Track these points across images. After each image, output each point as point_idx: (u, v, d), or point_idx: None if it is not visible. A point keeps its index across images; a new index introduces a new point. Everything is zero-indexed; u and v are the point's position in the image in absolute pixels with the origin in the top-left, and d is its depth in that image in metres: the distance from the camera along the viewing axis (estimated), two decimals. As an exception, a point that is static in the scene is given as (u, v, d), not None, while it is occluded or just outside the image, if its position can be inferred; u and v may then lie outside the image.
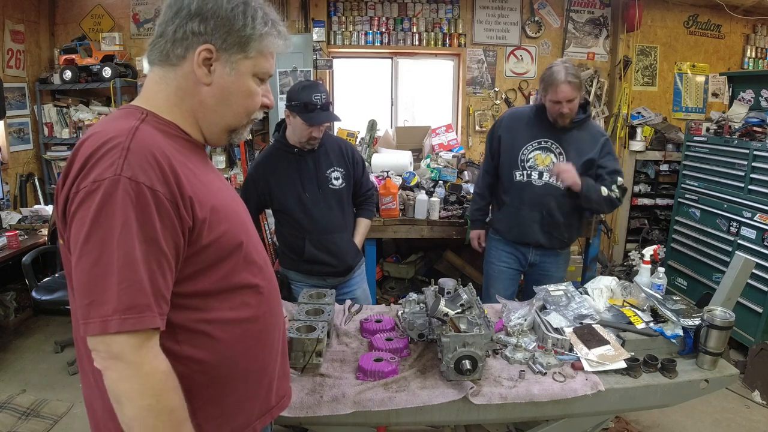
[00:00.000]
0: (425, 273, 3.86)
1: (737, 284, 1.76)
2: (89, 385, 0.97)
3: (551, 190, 2.35)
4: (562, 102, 2.20)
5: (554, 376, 1.53)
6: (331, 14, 4.38)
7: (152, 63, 0.94)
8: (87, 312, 0.79)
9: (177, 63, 0.91)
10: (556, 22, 4.54)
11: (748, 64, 4.79)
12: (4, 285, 3.63)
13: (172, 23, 0.90)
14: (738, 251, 3.02)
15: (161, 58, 0.92)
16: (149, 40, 0.94)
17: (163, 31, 0.90)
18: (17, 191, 4.10)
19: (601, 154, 2.33)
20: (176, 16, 0.89)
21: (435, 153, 3.93)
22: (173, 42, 0.90)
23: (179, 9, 0.89)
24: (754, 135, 3.33)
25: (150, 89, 0.95)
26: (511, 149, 2.41)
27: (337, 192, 2.21)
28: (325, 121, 2.09)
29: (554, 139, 2.34)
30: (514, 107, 2.85)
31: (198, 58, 0.90)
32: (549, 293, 1.91)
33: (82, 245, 0.79)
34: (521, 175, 2.39)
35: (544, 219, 2.38)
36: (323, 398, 1.42)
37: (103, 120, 0.92)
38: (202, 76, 0.91)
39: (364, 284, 2.43)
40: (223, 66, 0.92)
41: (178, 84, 0.93)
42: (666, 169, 4.56)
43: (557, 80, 2.17)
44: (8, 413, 2.55)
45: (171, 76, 0.92)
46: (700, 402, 2.49)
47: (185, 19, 0.89)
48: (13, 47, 4.00)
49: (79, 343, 0.96)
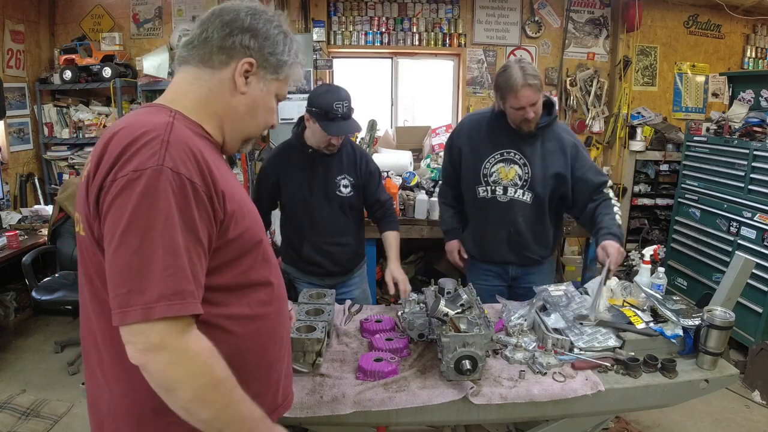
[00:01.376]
0: (425, 273, 3.86)
1: (737, 284, 1.76)
2: (96, 383, 0.97)
3: (517, 206, 2.15)
4: (526, 107, 1.96)
5: (554, 376, 1.53)
6: (331, 14, 4.38)
7: (186, 62, 0.98)
8: (125, 300, 0.79)
9: (218, 67, 0.97)
10: (556, 22, 4.54)
11: (748, 64, 4.79)
12: (4, 285, 3.63)
13: (221, 31, 0.96)
14: (738, 251, 3.02)
15: (201, 60, 0.96)
16: (183, 41, 0.98)
17: (209, 36, 0.96)
18: (17, 191, 4.10)
19: (574, 165, 2.11)
20: (228, 26, 0.96)
21: (435, 153, 3.93)
22: (220, 48, 0.96)
23: (232, 21, 0.96)
24: (754, 135, 3.33)
25: (180, 88, 0.98)
26: (472, 163, 2.18)
27: (344, 199, 2.17)
28: (345, 132, 2.05)
29: (517, 149, 2.10)
30: (473, 111, 2.55)
31: (240, 68, 0.97)
32: (549, 293, 1.90)
33: (122, 233, 0.79)
34: (485, 191, 2.17)
35: (512, 237, 2.19)
36: (323, 398, 1.42)
37: (130, 115, 0.93)
38: (240, 85, 0.98)
39: (363, 285, 2.42)
40: (258, 81, 1.00)
41: (212, 87, 0.97)
42: (666, 169, 4.56)
43: (516, 84, 1.92)
44: (8, 413, 2.55)
45: (207, 78, 0.97)
46: (700, 402, 2.49)
47: (238, 30, 0.96)
48: (13, 47, 4.00)
49: (88, 339, 0.96)
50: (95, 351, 0.94)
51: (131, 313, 0.79)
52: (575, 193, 2.15)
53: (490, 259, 2.30)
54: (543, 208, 2.18)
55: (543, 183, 2.12)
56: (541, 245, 2.24)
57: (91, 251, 0.88)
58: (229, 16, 0.97)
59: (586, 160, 2.15)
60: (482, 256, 2.31)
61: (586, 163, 2.14)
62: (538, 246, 2.24)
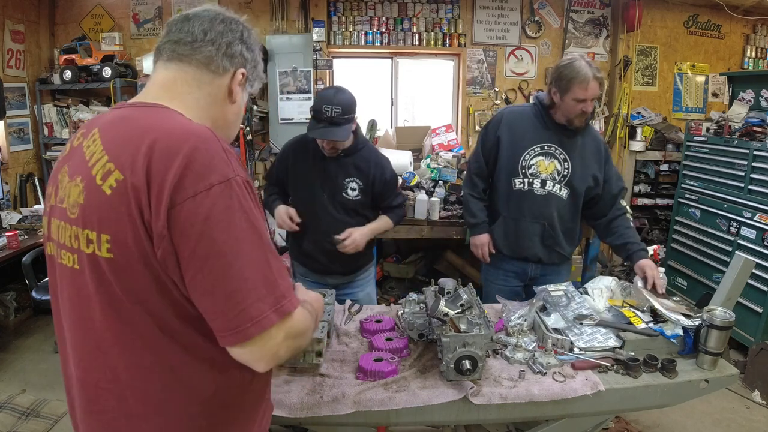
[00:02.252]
0: (425, 273, 3.86)
1: (737, 284, 1.76)
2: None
3: (554, 200, 2.17)
4: (588, 100, 2.00)
5: (554, 376, 1.53)
6: (331, 14, 4.38)
7: (183, 61, 0.94)
8: (257, 309, 0.79)
9: (219, 73, 0.96)
10: (556, 22, 4.54)
11: (748, 64, 4.79)
12: (4, 285, 3.63)
13: (225, 37, 0.95)
14: (738, 251, 3.02)
15: (203, 62, 0.94)
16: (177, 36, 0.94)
17: (213, 38, 0.94)
18: (17, 191, 4.10)
19: (606, 167, 2.19)
20: (232, 34, 0.96)
21: (435, 153, 3.93)
22: (224, 54, 0.95)
23: (234, 30, 0.97)
24: (754, 135, 3.33)
25: (178, 88, 0.93)
26: (510, 153, 2.18)
27: (349, 202, 2.16)
28: (323, 137, 2.00)
29: (558, 144, 2.14)
30: (510, 105, 2.55)
31: (237, 77, 0.98)
32: (549, 293, 1.90)
33: (230, 247, 0.78)
34: (521, 184, 2.17)
35: (546, 232, 2.20)
36: (323, 398, 1.42)
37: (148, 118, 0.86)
38: (236, 94, 0.99)
39: (368, 287, 2.39)
40: (242, 92, 1.02)
41: (210, 91, 0.96)
42: (666, 169, 4.56)
43: (586, 76, 1.96)
44: (8, 413, 2.55)
45: (206, 81, 0.95)
46: (700, 402, 2.49)
47: (239, 41, 0.97)
48: (13, 47, 4.00)
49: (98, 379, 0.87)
50: (112, 394, 0.86)
51: (265, 320, 0.80)
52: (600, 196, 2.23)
53: (518, 254, 2.27)
54: (577, 205, 2.22)
55: (581, 179, 2.17)
56: (570, 242, 2.30)
57: (130, 273, 0.80)
58: (232, 25, 0.97)
59: (613, 166, 2.24)
60: (511, 251, 2.29)
61: (612, 169, 2.23)
62: (568, 243, 2.28)
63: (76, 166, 0.87)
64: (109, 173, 0.80)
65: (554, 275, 2.29)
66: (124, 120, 0.87)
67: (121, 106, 0.93)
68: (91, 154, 0.84)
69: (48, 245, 0.93)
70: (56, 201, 0.90)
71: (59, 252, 0.88)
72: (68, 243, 0.85)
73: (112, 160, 0.81)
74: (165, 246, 0.77)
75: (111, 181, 0.79)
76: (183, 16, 0.96)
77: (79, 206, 0.82)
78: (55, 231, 0.89)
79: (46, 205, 0.95)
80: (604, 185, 2.21)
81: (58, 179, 0.91)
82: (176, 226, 0.77)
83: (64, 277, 0.88)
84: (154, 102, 0.91)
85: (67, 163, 0.90)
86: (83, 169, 0.84)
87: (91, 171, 0.82)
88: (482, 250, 2.33)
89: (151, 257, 0.79)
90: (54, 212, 0.90)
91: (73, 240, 0.84)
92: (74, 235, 0.84)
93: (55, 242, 0.90)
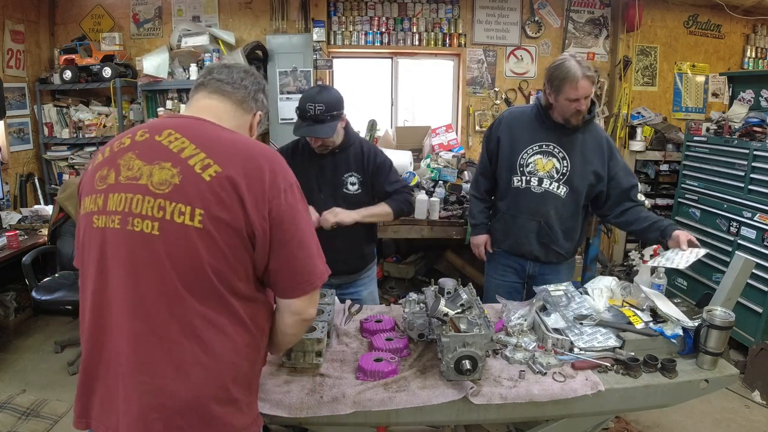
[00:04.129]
0: (425, 273, 3.86)
1: (737, 284, 1.76)
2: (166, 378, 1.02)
3: (551, 199, 2.19)
4: (580, 99, 2.01)
5: (554, 376, 1.53)
6: (331, 14, 4.38)
7: (223, 95, 1.19)
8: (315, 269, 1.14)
9: (247, 110, 1.23)
10: (556, 22, 4.54)
11: (748, 64, 4.79)
12: (4, 285, 3.63)
13: (254, 86, 1.24)
14: (738, 251, 3.02)
15: (239, 101, 1.21)
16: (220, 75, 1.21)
17: (246, 85, 1.22)
18: (17, 191, 4.10)
19: (609, 164, 2.18)
20: (258, 85, 1.25)
21: (435, 153, 3.93)
22: (252, 98, 1.24)
23: (259, 83, 1.26)
24: (754, 135, 3.33)
25: (221, 115, 1.18)
26: (509, 153, 2.23)
27: (352, 197, 2.16)
28: (306, 134, 2.03)
29: (557, 143, 2.16)
30: (513, 106, 2.58)
31: (257, 117, 1.27)
32: (549, 293, 1.91)
33: (301, 227, 1.10)
34: (519, 181, 2.22)
35: (542, 230, 2.22)
36: (323, 398, 1.42)
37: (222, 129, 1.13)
38: (254, 130, 1.28)
39: (371, 287, 2.39)
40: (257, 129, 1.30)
41: (240, 123, 1.22)
42: (666, 169, 4.56)
43: (575, 76, 1.97)
44: (8, 413, 2.55)
45: (239, 116, 1.22)
46: (700, 402, 2.49)
47: (261, 91, 1.27)
48: (13, 47, 4.00)
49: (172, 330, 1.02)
50: (186, 343, 1.02)
51: (324, 275, 1.16)
52: (607, 193, 2.22)
53: (516, 250, 2.32)
54: (577, 204, 2.22)
55: (581, 177, 2.17)
56: (568, 241, 2.30)
57: (214, 240, 1.01)
58: (258, 78, 1.26)
59: (620, 160, 2.22)
60: (509, 247, 2.34)
61: (620, 163, 2.22)
62: (566, 242, 2.28)
63: (154, 154, 1.05)
64: (208, 166, 1.03)
65: (553, 274, 2.29)
66: (202, 128, 1.11)
67: (180, 116, 1.19)
68: (180, 148, 1.05)
69: (97, 218, 1.06)
70: (122, 179, 1.05)
71: (129, 220, 1.02)
72: (149, 212, 1.01)
73: (210, 156, 1.04)
74: (265, 227, 1.05)
75: (210, 172, 1.02)
76: (224, 64, 1.25)
77: (172, 185, 1.02)
78: (119, 203, 1.04)
79: (94, 184, 1.09)
80: (611, 182, 2.20)
81: (118, 164, 1.07)
82: (274, 210, 1.05)
83: (130, 241, 1.02)
84: (208, 119, 1.14)
85: (131, 152, 1.07)
86: (172, 158, 1.04)
87: (188, 162, 1.03)
88: (479, 250, 2.47)
89: (242, 231, 1.03)
90: (116, 188, 1.05)
91: (156, 210, 1.01)
92: (158, 206, 1.01)
93: (116, 213, 1.04)
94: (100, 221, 1.06)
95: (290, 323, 1.17)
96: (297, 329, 1.20)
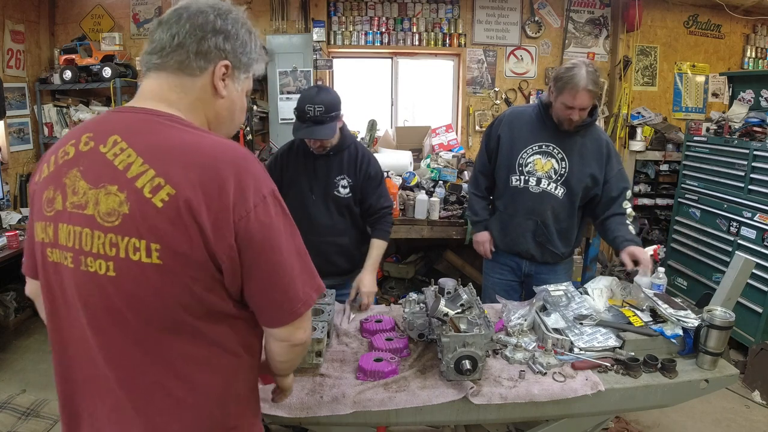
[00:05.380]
0: (425, 273, 3.86)
1: (737, 284, 1.76)
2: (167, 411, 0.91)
3: (548, 198, 2.20)
4: (575, 109, 2.02)
5: (554, 376, 1.53)
6: (331, 14, 4.38)
7: (162, 69, 0.94)
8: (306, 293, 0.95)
9: (197, 74, 0.94)
10: (556, 22, 4.54)
11: (748, 64, 4.79)
12: (4, 285, 3.63)
13: (194, 35, 0.93)
14: (738, 251, 3.02)
15: (180, 67, 0.93)
16: (150, 46, 0.94)
17: (181, 41, 0.92)
18: (17, 191, 4.10)
19: (607, 168, 2.19)
20: (200, 30, 0.93)
21: (435, 153, 3.93)
22: (196, 54, 0.93)
23: (204, 24, 0.93)
24: (754, 135, 3.33)
25: (170, 97, 0.94)
26: (509, 151, 2.24)
27: (342, 200, 2.16)
28: (307, 136, 2.02)
29: (556, 143, 2.17)
30: (514, 106, 2.58)
31: (218, 72, 0.96)
32: (549, 293, 1.91)
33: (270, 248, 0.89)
34: (517, 180, 2.23)
35: (539, 229, 2.24)
36: (323, 398, 1.42)
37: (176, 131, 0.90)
38: (221, 89, 0.97)
39: None
40: (233, 82, 0.99)
41: (197, 95, 0.96)
42: (666, 169, 4.56)
43: (577, 85, 1.97)
44: (8, 413, 2.55)
45: (189, 86, 0.95)
46: (700, 402, 2.49)
47: (211, 33, 0.94)
48: (13, 47, 4.00)
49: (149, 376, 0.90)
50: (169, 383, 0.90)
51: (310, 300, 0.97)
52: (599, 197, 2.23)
53: (512, 249, 2.34)
54: (574, 205, 2.23)
55: (579, 179, 2.18)
56: (564, 242, 2.30)
57: (178, 276, 0.85)
58: (199, 19, 0.93)
59: (615, 166, 2.22)
60: (506, 245, 2.35)
61: (614, 170, 2.21)
62: (562, 242, 2.29)
63: (99, 174, 0.86)
64: (159, 187, 0.83)
65: (550, 274, 2.30)
66: (151, 131, 0.89)
67: (127, 110, 0.93)
68: (126, 165, 0.85)
69: (51, 252, 0.90)
70: (69, 206, 0.87)
71: (82, 260, 0.86)
72: (101, 250, 0.85)
73: (161, 174, 0.83)
74: (232, 254, 0.86)
75: (162, 195, 0.83)
76: (156, 22, 0.96)
77: (122, 216, 0.84)
78: (69, 237, 0.87)
79: (42, 208, 0.91)
80: (604, 186, 2.21)
81: (64, 184, 0.88)
82: (242, 232, 0.86)
83: (87, 284, 0.87)
84: (157, 109, 0.92)
85: (76, 168, 0.88)
86: (119, 179, 0.84)
87: (135, 183, 0.83)
88: (483, 247, 2.43)
89: (206, 262, 0.86)
90: (63, 217, 0.88)
91: (108, 247, 0.84)
92: (110, 243, 0.84)
93: (68, 249, 0.87)
94: (54, 255, 0.91)
95: (279, 351, 1.03)
96: (288, 356, 1.05)
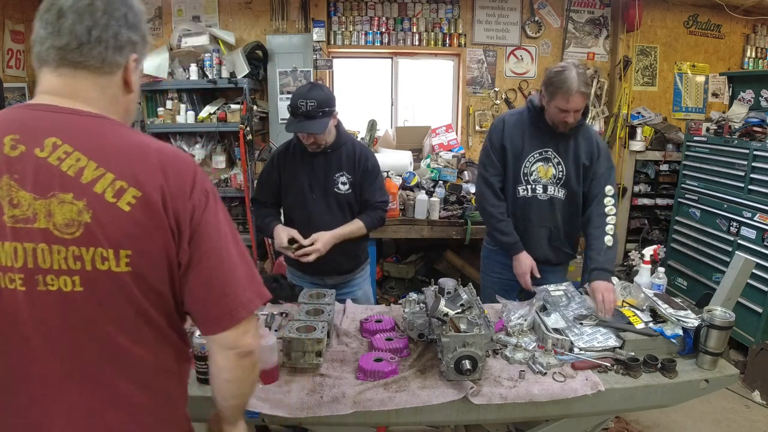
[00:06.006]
0: (425, 273, 3.86)
1: (737, 284, 1.76)
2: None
3: (557, 204, 2.21)
4: (570, 112, 2.01)
5: (554, 376, 1.53)
6: (331, 14, 4.38)
7: (84, 68, 0.85)
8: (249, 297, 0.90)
9: (113, 72, 0.87)
10: (556, 22, 4.54)
11: (748, 64, 4.79)
12: None
13: (110, 29, 0.84)
14: (738, 251, 3.02)
15: (97, 65, 0.85)
16: (60, 40, 0.82)
17: (99, 36, 0.83)
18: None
19: (596, 165, 2.16)
20: (115, 22, 0.85)
21: (435, 153, 3.93)
22: (114, 49, 0.85)
23: (119, 17, 0.85)
24: (754, 135, 3.33)
25: (89, 95, 0.86)
26: (514, 162, 2.20)
27: (343, 197, 2.16)
28: (298, 130, 2.03)
29: (553, 148, 2.16)
30: (506, 112, 2.45)
31: (131, 66, 0.90)
32: (549, 293, 1.91)
33: (217, 243, 0.88)
34: (524, 190, 2.20)
35: (553, 234, 2.24)
36: (323, 398, 1.42)
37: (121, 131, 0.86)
38: (133, 84, 0.92)
39: (365, 285, 2.40)
40: (136, 75, 0.93)
41: (113, 93, 0.89)
42: (666, 169, 4.56)
43: (570, 89, 1.95)
44: None
45: (106, 84, 0.87)
46: (700, 402, 2.49)
47: (124, 27, 0.86)
48: (13, 47, 4.00)
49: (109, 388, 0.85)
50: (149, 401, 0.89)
51: (251, 304, 0.91)
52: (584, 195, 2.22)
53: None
54: (577, 206, 2.23)
55: (577, 179, 2.18)
56: (571, 241, 2.31)
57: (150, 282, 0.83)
58: (115, 12, 0.85)
59: (603, 164, 2.19)
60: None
61: (601, 168, 2.18)
62: (570, 242, 2.30)
63: (45, 182, 0.78)
64: (122, 190, 0.79)
65: (550, 274, 2.29)
66: (94, 132, 0.83)
67: (46, 109, 0.84)
68: (77, 170, 0.78)
69: None
70: (8, 221, 0.78)
71: (39, 279, 0.79)
72: (63, 266, 0.78)
73: (122, 177, 0.80)
74: (186, 252, 0.86)
75: (128, 198, 0.80)
76: (56, 9, 0.82)
77: (83, 226, 0.78)
78: (15, 257, 0.78)
79: None
80: (591, 182, 2.19)
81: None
82: (196, 233, 0.86)
83: (48, 306, 0.80)
84: (81, 108, 0.85)
85: (8, 176, 0.78)
86: (73, 186, 0.78)
87: (93, 188, 0.78)
88: (526, 279, 2.18)
89: (173, 263, 0.86)
90: (6, 235, 0.78)
91: (71, 261, 0.78)
92: (73, 256, 0.78)
93: (14, 270, 0.78)
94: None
95: (224, 364, 0.92)
96: (235, 372, 0.93)
